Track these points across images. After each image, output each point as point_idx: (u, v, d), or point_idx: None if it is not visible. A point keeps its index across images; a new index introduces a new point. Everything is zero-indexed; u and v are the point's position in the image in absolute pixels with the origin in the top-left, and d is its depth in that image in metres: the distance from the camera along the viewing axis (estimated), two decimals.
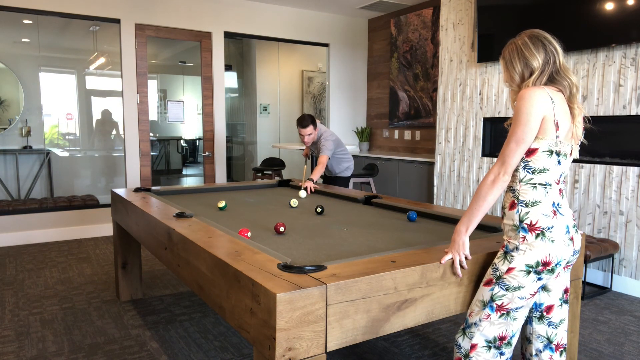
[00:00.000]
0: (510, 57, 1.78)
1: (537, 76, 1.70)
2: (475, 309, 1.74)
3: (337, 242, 2.08)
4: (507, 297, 1.67)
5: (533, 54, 1.70)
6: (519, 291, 1.66)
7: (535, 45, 1.71)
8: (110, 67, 6.49)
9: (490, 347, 1.72)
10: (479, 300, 1.74)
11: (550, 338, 1.82)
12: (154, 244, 2.48)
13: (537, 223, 1.64)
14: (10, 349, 2.67)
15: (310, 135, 4.17)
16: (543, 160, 1.65)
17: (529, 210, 1.65)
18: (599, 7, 3.64)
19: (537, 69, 1.69)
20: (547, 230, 1.63)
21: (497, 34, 4.43)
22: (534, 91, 1.63)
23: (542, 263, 1.63)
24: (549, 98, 1.63)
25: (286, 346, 1.38)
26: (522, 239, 1.65)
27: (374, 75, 6.88)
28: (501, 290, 1.67)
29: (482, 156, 4.66)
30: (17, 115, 6.19)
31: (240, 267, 1.58)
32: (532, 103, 1.61)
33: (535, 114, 1.61)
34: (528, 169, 1.67)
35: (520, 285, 1.65)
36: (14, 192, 6.30)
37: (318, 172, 3.97)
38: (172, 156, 8.77)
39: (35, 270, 4.10)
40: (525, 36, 1.75)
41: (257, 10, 5.96)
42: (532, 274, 1.64)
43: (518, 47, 1.75)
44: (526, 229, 1.65)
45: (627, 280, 3.65)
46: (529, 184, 1.67)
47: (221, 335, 2.86)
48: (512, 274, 1.65)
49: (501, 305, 1.68)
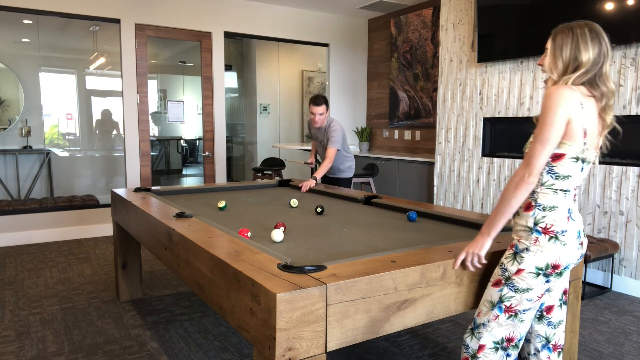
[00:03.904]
0: (562, 42, 1.63)
1: (581, 74, 1.59)
2: (483, 309, 1.73)
3: (337, 242, 2.08)
4: (515, 298, 1.66)
5: (588, 48, 1.58)
6: (527, 293, 1.65)
7: (593, 41, 1.59)
8: (110, 67, 6.50)
9: (497, 348, 1.72)
10: (487, 300, 1.72)
11: (548, 338, 1.82)
12: (154, 244, 2.48)
13: (552, 227, 1.61)
14: (10, 349, 2.67)
15: (322, 116, 4.01)
16: (569, 166, 1.60)
17: (545, 214, 1.62)
18: (599, 7, 3.64)
19: (585, 66, 1.59)
20: (560, 234, 1.61)
21: (497, 34, 4.43)
22: (564, 90, 1.56)
23: (552, 266, 1.62)
24: (578, 103, 1.55)
25: (286, 346, 1.38)
26: (534, 241, 1.62)
27: (374, 75, 6.88)
28: (510, 291, 1.66)
29: (482, 156, 4.66)
30: (17, 115, 6.19)
31: (240, 267, 1.58)
32: (559, 102, 1.54)
33: (562, 115, 1.54)
34: (552, 173, 1.62)
35: (529, 287, 1.64)
36: (14, 192, 6.30)
37: (325, 168, 3.88)
38: (172, 156, 8.78)
39: (35, 270, 4.10)
40: (585, 27, 1.61)
41: (257, 10, 5.96)
42: (540, 276, 1.63)
43: (575, 35, 1.60)
44: (540, 232, 1.62)
45: (627, 280, 3.65)
46: (550, 189, 1.63)
47: (221, 335, 2.86)
48: (521, 275, 1.64)
49: (510, 307, 1.67)
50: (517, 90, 4.30)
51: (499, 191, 4.50)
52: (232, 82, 8.25)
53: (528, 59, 4.18)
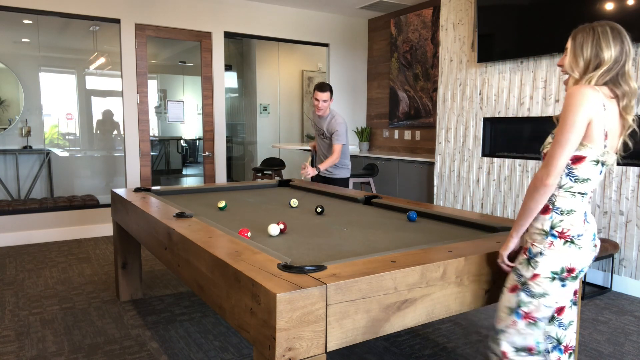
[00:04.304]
0: (582, 41, 1.61)
1: (603, 72, 1.57)
2: (502, 315, 1.72)
3: (337, 242, 2.08)
4: (533, 304, 1.64)
5: (609, 46, 1.56)
6: (544, 298, 1.63)
7: (615, 39, 1.57)
8: (110, 67, 6.50)
9: (520, 352, 1.71)
10: (505, 306, 1.71)
11: (560, 339, 1.78)
12: (154, 244, 2.48)
13: (569, 231, 1.59)
14: (10, 349, 2.67)
15: (326, 103, 4.01)
16: (588, 169, 1.58)
17: (563, 218, 1.60)
18: (599, 7, 3.64)
19: (606, 64, 1.56)
20: (576, 237, 1.60)
21: (497, 34, 4.43)
22: (586, 90, 1.53)
23: (567, 270, 1.60)
24: (601, 104, 1.53)
25: (286, 346, 1.38)
26: (549, 245, 1.61)
27: (374, 75, 6.88)
28: (527, 296, 1.64)
29: (482, 156, 4.66)
30: (17, 115, 6.19)
31: (240, 267, 1.58)
32: (581, 103, 1.51)
33: (583, 115, 1.51)
34: (572, 176, 1.59)
35: (545, 292, 1.62)
36: (14, 192, 6.30)
37: (330, 162, 3.87)
38: (172, 156, 8.78)
39: (35, 270, 4.10)
40: (607, 25, 1.60)
41: (257, 10, 5.96)
42: (556, 281, 1.61)
43: (596, 33, 1.59)
44: (556, 236, 1.60)
45: (627, 280, 3.65)
46: (568, 192, 1.60)
47: (221, 335, 2.86)
48: (537, 280, 1.62)
49: (528, 313, 1.65)
50: (517, 90, 4.30)
51: (499, 191, 4.50)
52: (232, 82, 8.25)
53: (528, 59, 4.18)
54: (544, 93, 4.08)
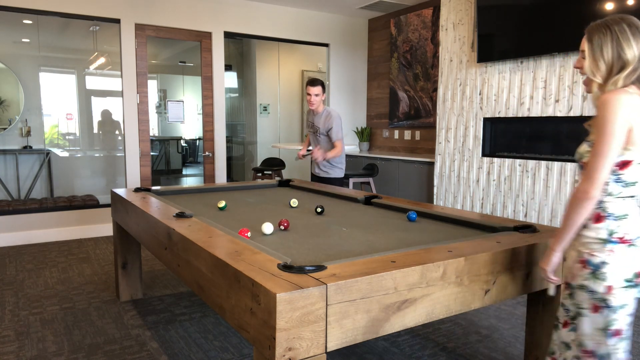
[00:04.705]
0: (601, 43, 1.54)
1: (629, 73, 1.50)
2: (596, 339, 1.60)
3: (337, 242, 2.08)
4: (618, 319, 1.57)
5: (630, 45, 1.50)
6: (623, 309, 1.56)
7: (635, 35, 1.51)
8: (110, 67, 6.50)
9: None
10: (596, 329, 1.59)
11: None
12: (154, 244, 2.49)
13: (628, 235, 1.55)
14: (10, 349, 2.67)
15: (317, 97, 4.04)
16: (636, 172, 1.54)
17: (619, 224, 1.56)
18: (599, 7, 3.64)
19: (631, 64, 1.50)
20: (636, 239, 1.56)
21: (497, 34, 4.43)
22: (621, 96, 1.47)
23: (638, 274, 1.56)
24: (637, 106, 1.48)
25: (286, 346, 1.38)
26: (610, 252, 1.55)
27: (374, 75, 6.88)
28: (610, 313, 1.56)
29: (482, 156, 4.66)
30: (17, 115, 6.19)
31: (240, 267, 1.58)
32: (618, 110, 1.45)
33: (621, 123, 1.46)
34: (620, 182, 1.54)
35: (624, 303, 1.56)
36: (14, 192, 6.31)
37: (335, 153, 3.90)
38: (172, 156, 8.78)
39: (35, 270, 4.10)
40: (623, 22, 1.53)
41: (257, 10, 5.96)
42: (631, 289, 1.56)
43: (614, 33, 1.52)
44: (616, 242, 1.55)
45: None
46: (619, 197, 1.56)
47: (221, 335, 2.86)
48: (612, 293, 1.55)
49: (618, 330, 1.58)
50: (517, 90, 4.30)
51: (499, 191, 4.50)
52: (232, 82, 8.25)
53: (528, 59, 4.18)
54: (544, 93, 4.08)
